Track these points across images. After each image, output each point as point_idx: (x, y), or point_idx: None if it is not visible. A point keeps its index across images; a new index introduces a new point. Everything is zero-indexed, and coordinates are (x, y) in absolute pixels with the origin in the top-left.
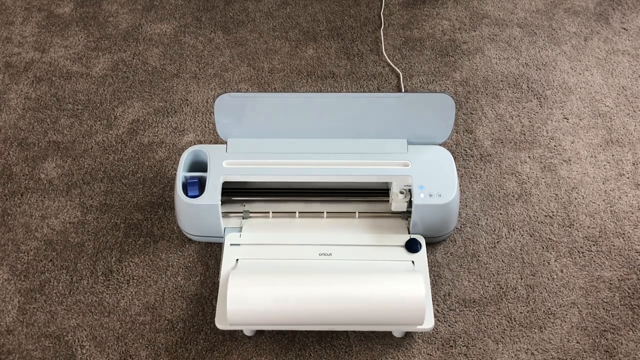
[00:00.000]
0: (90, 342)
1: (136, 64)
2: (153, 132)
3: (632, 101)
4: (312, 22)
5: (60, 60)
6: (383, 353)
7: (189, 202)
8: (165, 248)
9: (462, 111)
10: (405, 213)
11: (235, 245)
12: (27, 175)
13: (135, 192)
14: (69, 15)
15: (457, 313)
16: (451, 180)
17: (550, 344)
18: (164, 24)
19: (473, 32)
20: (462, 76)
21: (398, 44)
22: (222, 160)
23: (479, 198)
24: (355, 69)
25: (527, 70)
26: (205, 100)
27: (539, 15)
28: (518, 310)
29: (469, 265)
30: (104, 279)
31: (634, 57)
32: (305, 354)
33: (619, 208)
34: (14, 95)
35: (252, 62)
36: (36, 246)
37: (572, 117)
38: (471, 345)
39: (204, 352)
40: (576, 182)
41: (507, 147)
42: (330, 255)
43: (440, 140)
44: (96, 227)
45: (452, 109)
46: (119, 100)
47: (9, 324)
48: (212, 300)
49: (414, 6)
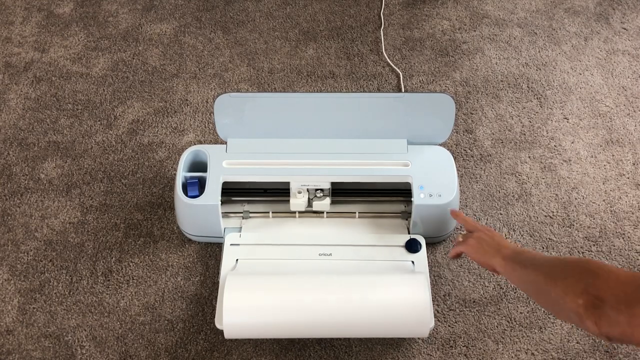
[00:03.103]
0: (90, 342)
1: (136, 64)
2: (153, 132)
3: (632, 101)
4: (312, 22)
5: (60, 60)
6: (383, 353)
7: (189, 202)
8: (165, 248)
9: (462, 111)
10: (405, 213)
11: (235, 245)
12: (27, 175)
13: (135, 192)
14: (69, 15)
15: (457, 313)
16: (451, 180)
17: (550, 344)
18: (164, 24)
19: (473, 32)
20: (462, 76)
21: (398, 44)
22: (222, 160)
23: (479, 198)
24: (355, 69)
25: (527, 70)
26: (205, 100)
27: (539, 15)
28: (518, 310)
29: (469, 265)
30: (103, 279)
31: (634, 57)
32: (305, 354)
33: (619, 208)
34: (13, 95)
35: (252, 62)
36: (36, 246)
37: (572, 117)
38: (471, 346)
39: (204, 352)
40: (576, 182)
41: (507, 147)
42: (330, 255)
43: (440, 140)
44: (96, 227)
45: (452, 109)
46: (118, 100)
47: (9, 324)
48: (212, 300)
49: (414, 6)
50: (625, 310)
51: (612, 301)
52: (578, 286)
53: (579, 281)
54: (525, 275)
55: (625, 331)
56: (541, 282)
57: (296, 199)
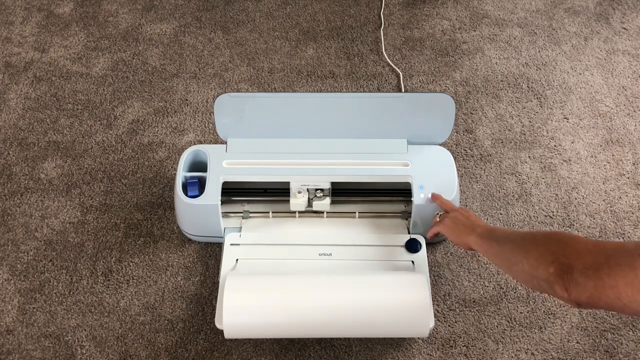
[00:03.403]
0: (90, 342)
1: (136, 64)
2: (153, 132)
3: (632, 101)
4: (312, 22)
5: (60, 60)
6: (383, 353)
7: (189, 202)
8: (165, 248)
9: (462, 111)
10: (405, 213)
11: (235, 245)
12: (27, 175)
13: (135, 192)
14: (69, 15)
15: (457, 313)
16: (451, 180)
17: (550, 344)
18: (164, 24)
19: (473, 32)
20: (462, 76)
21: (398, 44)
22: (222, 160)
23: (479, 198)
24: (355, 69)
25: (527, 70)
26: (205, 100)
27: (539, 15)
28: (518, 310)
29: (469, 265)
30: (103, 279)
31: (634, 57)
32: (305, 354)
33: (619, 208)
34: (13, 95)
35: (252, 62)
36: (36, 246)
37: (572, 117)
38: (471, 345)
39: (204, 352)
40: (576, 182)
41: (507, 147)
42: (330, 255)
43: (440, 140)
44: (96, 227)
45: (452, 109)
46: (118, 100)
47: (9, 324)
48: (212, 300)
49: (414, 6)
50: (592, 275)
51: (580, 267)
52: (548, 255)
53: (549, 251)
54: (499, 250)
55: (592, 295)
56: (514, 254)
57: (296, 199)
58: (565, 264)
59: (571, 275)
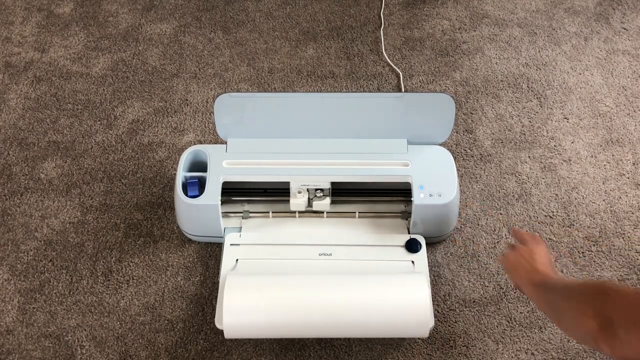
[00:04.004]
0: (90, 342)
1: (136, 64)
2: (153, 132)
3: (632, 101)
4: (312, 22)
5: (60, 60)
6: (383, 353)
7: (189, 202)
8: (165, 248)
9: (462, 111)
10: (405, 213)
11: (235, 245)
12: (27, 175)
13: (135, 192)
14: (69, 15)
15: (457, 313)
16: (451, 180)
17: (550, 344)
18: (164, 24)
19: (473, 32)
20: (462, 76)
21: (398, 44)
22: (222, 160)
23: (479, 198)
24: (355, 69)
25: (527, 70)
26: (205, 100)
27: (539, 15)
28: (518, 310)
29: (469, 265)
30: (103, 279)
31: (634, 57)
32: (305, 354)
33: (619, 208)
34: (13, 95)
35: (252, 62)
36: (36, 246)
37: (572, 117)
38: (471, 345)
39: (204, 352)
40: (576, 182)
41: (507, 147)
42: (330, 255)
43: (440, 140)
44: (96, 227)
45: (452, 109)
46: (118, 100)
47: (9, 324)
48: (212, 300)
49: (414, 6)
50: (634, 329)
51: (621, 321)
52: (590, 309)
53: (591, 303)
54: (549, 301)
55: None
56: (561, 307)
57: (296, 199)
58: (607, 318)
59: (613, 330)
